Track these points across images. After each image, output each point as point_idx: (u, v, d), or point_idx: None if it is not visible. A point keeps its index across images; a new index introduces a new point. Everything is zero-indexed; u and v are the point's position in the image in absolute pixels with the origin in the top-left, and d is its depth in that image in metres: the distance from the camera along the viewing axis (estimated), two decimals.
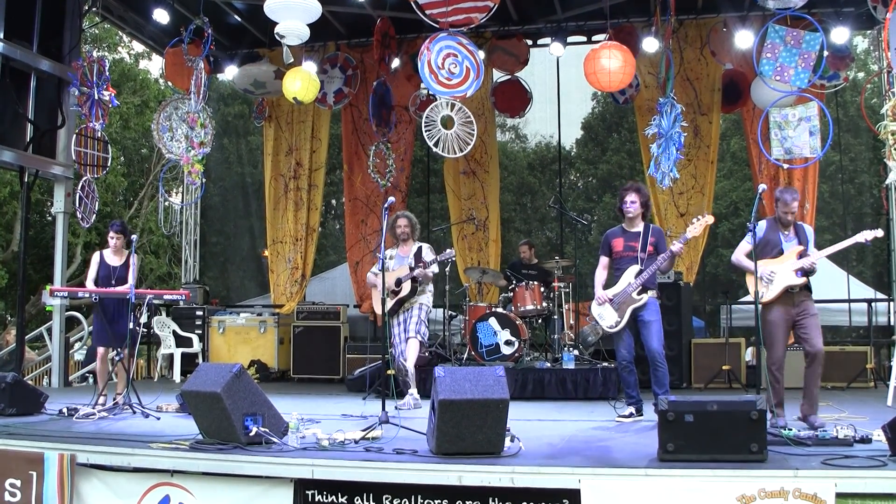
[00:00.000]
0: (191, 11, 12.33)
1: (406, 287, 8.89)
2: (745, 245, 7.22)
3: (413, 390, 8.88)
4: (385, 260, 8.72)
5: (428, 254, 8.99)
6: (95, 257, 9.13)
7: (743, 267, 7.20)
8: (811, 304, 7.09)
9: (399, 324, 9.04)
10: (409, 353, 8.94)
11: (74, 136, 11.96)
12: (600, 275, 7.90)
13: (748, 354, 12.11)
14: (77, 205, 11.93)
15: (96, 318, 9.05)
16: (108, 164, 12.66)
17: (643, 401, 7.71)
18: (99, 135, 12.12)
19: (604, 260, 7.91)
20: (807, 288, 7.07)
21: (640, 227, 7.78)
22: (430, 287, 9.21)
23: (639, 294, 7.57)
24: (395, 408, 8.23)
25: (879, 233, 7.04)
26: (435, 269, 8.96)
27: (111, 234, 9.07)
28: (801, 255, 7.03)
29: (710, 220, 7.68)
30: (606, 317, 7.69)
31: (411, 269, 8.83)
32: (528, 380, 10.03)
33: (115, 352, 8.90)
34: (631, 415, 7.62)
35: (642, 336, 7.62)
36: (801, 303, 7.04)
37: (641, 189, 7.86)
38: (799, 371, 7.27)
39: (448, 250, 9.04)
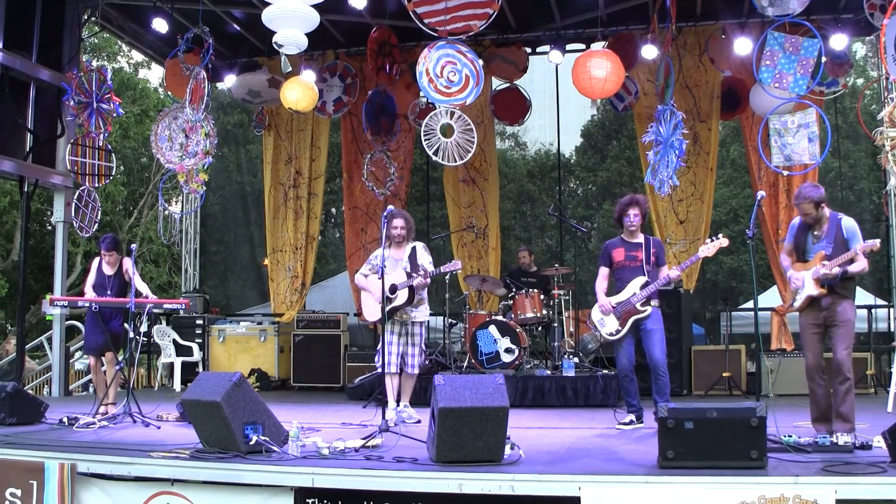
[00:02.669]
0: (190, 21, 12.36)
1: (402, 295, 8.22)
2: (785, 245, 7.02)
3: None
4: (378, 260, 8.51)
5: (423, 255, 8.40)
6: (94, 263, 9.25)
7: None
8: (843, 310, 6.54)
9: (393, 333, 8.35)
10: (407, 389, 8.52)
11: (70, 146, 11.97)
12: (601, 284, 7.87)
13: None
14: (74, 214, 11.94)
15: (87, 326, 9.15)
16: (112, 174, 12.67)
17: (643, 408, 7.70)
18: (100, 144, 12.13)
19: (604, 270, 7.87)
20: (837, 291, 6.55)
21: (640, 237, 7.79)
22: (426, 295, 8.62)
23: (643, 305, 7.57)
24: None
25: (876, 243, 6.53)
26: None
27: (104, 252, 9.12)
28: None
29: (724, 242, 7.49)
30: (608, 324, 7.69)
31: (409, 276, 8.20)
32: (528, 387, 10.02)
33: (116, 363, 8.94)
34: (631, 422, 7.61)
35: (644, 344, 7.62)
36: (830, 306, 6.54)
37: (641, 201, 7.84)
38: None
39: (455, 262, 8.41)
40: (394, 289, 8.21)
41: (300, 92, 11.47)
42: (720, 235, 7.57)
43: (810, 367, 6.64)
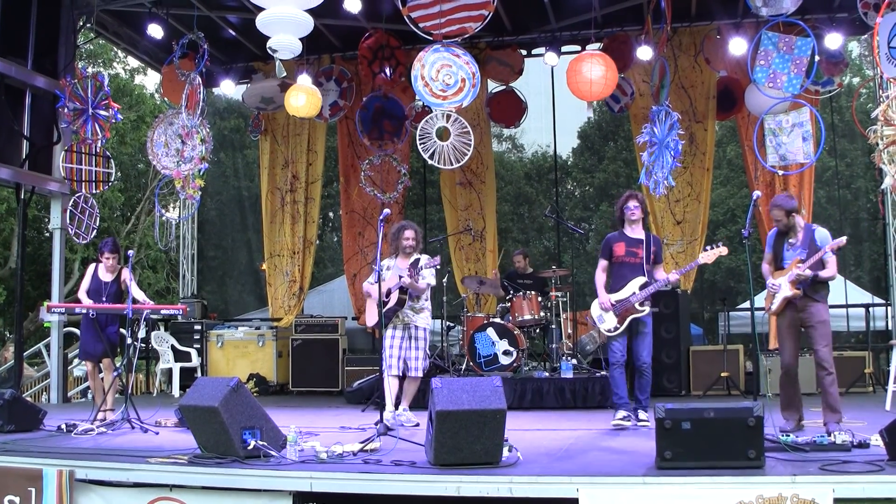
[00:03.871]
0: (185, 26, 12.36)
1: (393, 298, 8.28)
2: (765, 254, 7.37)
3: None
4: (382, 270, 8.51)
5: (425, 264, 8.36)
6: (90, 269, 9.27)
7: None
8: (817, 311, 6.98)
9: (395, 336, 8.42)
10: (409, 393, 8.51)
11: (64, 152, 11.94)
12: (601, 278, 7.97)
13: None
14: (70, 221, 11.91)
15: (83, 332, 9.14)
16: (110, 180, 12.65)
17: (635, 406, 7.84)
18: (97, 150, 12.10)
19: (603, 263, 7.99)
20: (809, 295, 6.95)
21: (641, 234, 7.88)
22: (429, 304, 8.66)
23: (641, 305, 7.71)
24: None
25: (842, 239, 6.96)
26: (431, 280, 8.42)
27: (105, 254, 9.12)
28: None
29: (724, 251, 7.60)
30: (607, 320, 7.84)
31: (400, 279, 8.26)
32: (526, 389, 10.02)
33: (114, 369, 8.95)
34: (625, 418, 7.65)
35: (634, 345, 7.82)
36: (804, 308, 6.99)
37: (640, 196, 8.00)
38: (811, 377, 7.41)
39: (434, 259, 8.25)
40: (388, 292, 8.30)
41: (305, 98, 11.48)
42: (720, 243, 7.64)
43: (785, 363, 7.11)
